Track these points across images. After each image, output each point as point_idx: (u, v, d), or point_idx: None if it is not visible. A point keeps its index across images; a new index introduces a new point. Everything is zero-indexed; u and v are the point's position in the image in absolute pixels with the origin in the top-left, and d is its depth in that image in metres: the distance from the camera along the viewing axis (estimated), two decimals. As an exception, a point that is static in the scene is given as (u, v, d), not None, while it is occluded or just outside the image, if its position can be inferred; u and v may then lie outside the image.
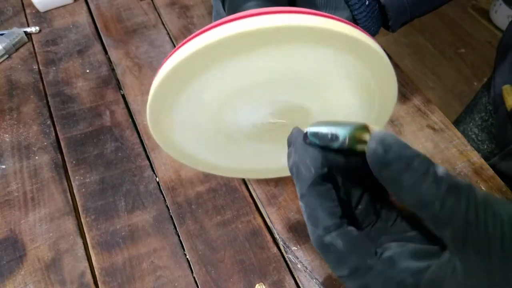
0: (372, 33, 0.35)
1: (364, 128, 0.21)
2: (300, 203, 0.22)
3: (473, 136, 0.62)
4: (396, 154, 0.19)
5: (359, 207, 0.24)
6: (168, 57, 0.24)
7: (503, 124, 0.53)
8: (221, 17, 0.36)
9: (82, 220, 0.41)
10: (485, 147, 0.60)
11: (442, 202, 0.18)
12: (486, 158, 0.47)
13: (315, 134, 0.22)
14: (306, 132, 0.23)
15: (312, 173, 0.22)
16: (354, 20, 0.34)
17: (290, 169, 0.23)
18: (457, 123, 0.66)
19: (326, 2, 0.33)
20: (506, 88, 0.49)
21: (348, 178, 0.24)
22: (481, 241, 0.17)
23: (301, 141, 0.23)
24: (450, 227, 0.18)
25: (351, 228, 0.22)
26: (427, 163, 0.18)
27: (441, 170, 0.18)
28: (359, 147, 0.21)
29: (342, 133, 0.21)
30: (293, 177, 0.23)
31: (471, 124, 0.63)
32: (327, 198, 0.22)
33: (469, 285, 0.18)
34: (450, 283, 0.18)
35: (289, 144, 0.24)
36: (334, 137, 0.21)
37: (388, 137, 0.19)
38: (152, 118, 0.28)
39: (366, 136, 0.20)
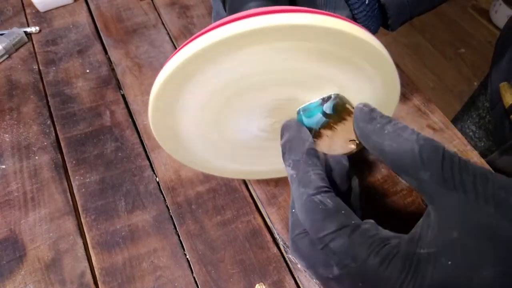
0: (372, 32, 0.35)
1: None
2: (291, 171, 0.24)
3: (471, 133, 0.62)
4: (379, 113, 0.23)
5: None
6: (169, 59, 0.24)
7: (500, 121, 0.53)
8: (221, 18, 0.36)
9: (82, 220, 0.41)
10: (482, 144, 0.60)
11: (421, 146, 0.20)
12: (483, 155, 0.47)
13: (306, 108, 0.26)
14: (299, 110, 0.26)
15: (307, 143, 0.24)
16: (353, 19, 0.34)
17: (283, 146, 0.25)
18: (454, 121, 0.66)
19: (326, 1, 0.33)
20: (503, 85, 0.49)
21: None
22: (457, 178, 0.19)
23: (295, 121, 0.26)
24: (429, 167, 0.20)
25: (337, 197, 0.23)
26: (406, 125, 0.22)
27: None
28: (343, 110, 0.25)
29: (332, 96, 0.26)
30: (284, 152, 0.25)
31: (469, 121, 0.63)
32: (319, 167, 0.24)
33: (444, 231, 0.19)
34: (429, 235, 0.20)
35: (283, 130, 0.26)
36: (326, 98, 0.26)
37: (370, 104, 0.24)
38: (154, 120, 0.28)
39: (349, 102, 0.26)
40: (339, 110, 0.26)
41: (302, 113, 0.26)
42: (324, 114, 0.26)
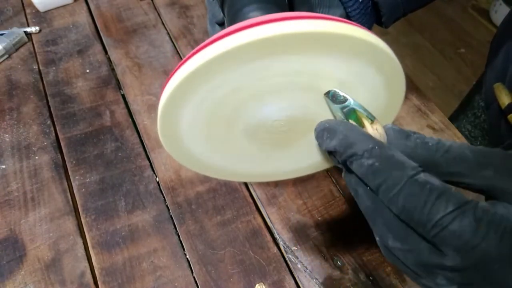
0: None
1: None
2: (369, 161, 0.21)
3: (466, 132, 0.62)
4: (409, 130, 0.22)
5: None
6: (183, 63, 0.24)
7: (496, 121, 0.53)
8: (217, 20, 0.36)
9: (82, 220, 0.41)
10: (478, 143, 0.60)
11: (470, 147, 0.20)
12: None
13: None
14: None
15: (366, 132, 0.22)
16: (347, 17, 0.34)
17: (339, 146, 0.22)
18: (450, 120, 0.66)
19: (320, 1, 0.33)
20: (497, 86, 0.49)
21: None
22: None
23: (336, 121, 0.24)
24: (490, 164, 0.19)
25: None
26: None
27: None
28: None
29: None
30: (343, 152, 0.22)
31: (464, 121, 0.63)
32: (396, 149, 0.21)
33: None
34: None
35: (326, 134, 0.24)
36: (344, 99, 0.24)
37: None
38: (163, 126, 0.28)
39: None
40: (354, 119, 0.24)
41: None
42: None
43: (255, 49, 0.22)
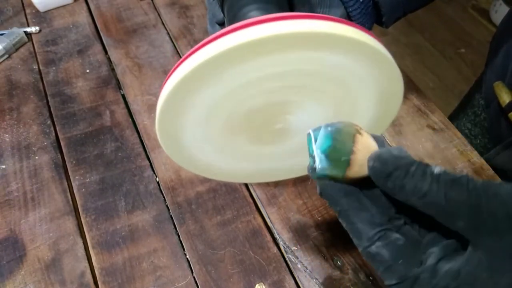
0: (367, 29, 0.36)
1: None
2: (340, 220, 0.23)
3: (466, 131, 0.62)
4: (393, 165, 0.20)
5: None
6: (179, 64, 0.24)
7: (496, 120, 0.53)
8: (217, 20, 0.36)
9: (82, 220, 0.41)
10: (478, 141, 0.60)
11: (445, 196, 0.19)
12: (479, 152, 0.47)
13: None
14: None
15: (338, 186, 0.23)
16: (348, 17, 0.34)
17: (326, 199, 0.24)
18: (450, 118, 0.66)
19: (321, 1, 0.33)
20: (497, 84, 0.49)
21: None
22: (490, 224, 0.18)
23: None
24: (460, 217, 0.19)
25: (396, 236, 0.21)
26: (423, 166, 0.20)
27: (437, 169, 0.20)
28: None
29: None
30: (330, 204, 0.23)
31: (464, 119, 0.63)
32: (364, 207, 0.22)
33: (496, 271, 0.18)
34: (482, 275, 0.19)
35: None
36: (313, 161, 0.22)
37: (383, 153, 0.21)
38: (161, 128, 0.28)
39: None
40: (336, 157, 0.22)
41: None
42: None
43: (255, 48, 0.22)
